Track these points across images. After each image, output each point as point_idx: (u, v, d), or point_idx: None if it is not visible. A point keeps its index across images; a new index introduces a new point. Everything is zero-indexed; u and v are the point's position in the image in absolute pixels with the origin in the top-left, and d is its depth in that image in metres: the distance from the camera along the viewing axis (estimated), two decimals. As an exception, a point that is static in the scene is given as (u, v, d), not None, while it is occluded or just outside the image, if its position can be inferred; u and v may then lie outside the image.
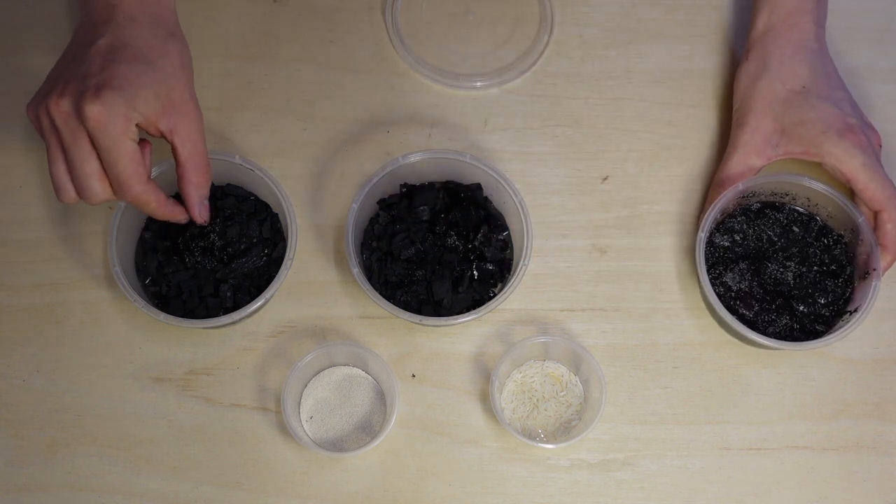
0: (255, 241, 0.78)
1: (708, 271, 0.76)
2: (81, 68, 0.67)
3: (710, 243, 0.78)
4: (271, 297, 0.75)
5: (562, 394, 0.77)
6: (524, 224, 0.77)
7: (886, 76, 0.88)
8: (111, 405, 0.77)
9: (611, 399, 0.77)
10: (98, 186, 0.67)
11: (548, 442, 0.75)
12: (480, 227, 0.79)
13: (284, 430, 0.76)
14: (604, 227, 0.83)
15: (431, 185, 0.81)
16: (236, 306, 0.75)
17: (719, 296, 0.76)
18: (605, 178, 0.84)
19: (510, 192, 0.78)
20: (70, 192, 0.68)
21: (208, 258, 0.77)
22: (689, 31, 0.89)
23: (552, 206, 0.83)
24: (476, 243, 0.78)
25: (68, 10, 0.88)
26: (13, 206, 0.82)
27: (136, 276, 0.78)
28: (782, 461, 0.77)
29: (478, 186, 0.80)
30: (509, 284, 0.76)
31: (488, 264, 0.78)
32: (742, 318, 0.76)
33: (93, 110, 0.64)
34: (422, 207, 0.79)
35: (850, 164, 0.76)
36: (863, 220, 0.76)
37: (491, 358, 0.79)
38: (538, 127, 0.86)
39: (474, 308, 0.76)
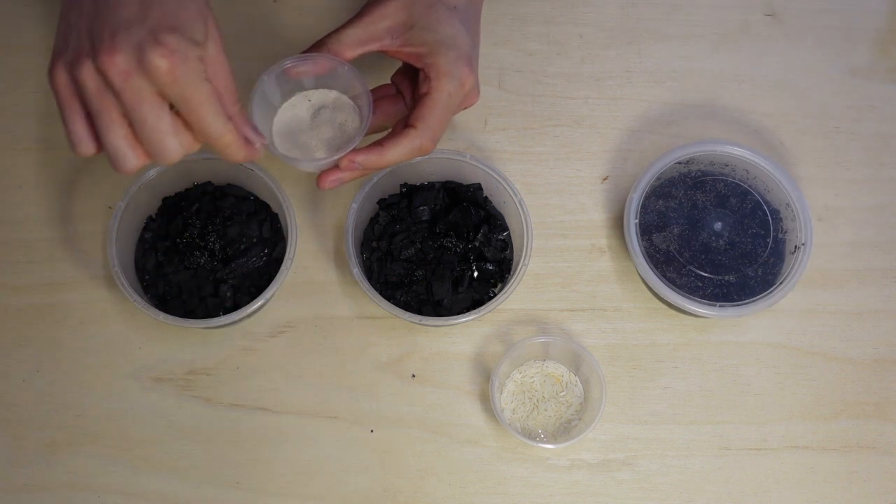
0: (255, 241, 0.78)
1: (640, 235, 0.77)
2: (117, 16, 0.58)
3: (643, 208, 0.79)
4: (271, 297, 0.75)
5: (562, 394, 0.77)
6: (524, 224, 0.77)
7: (886, 76, 0.88)
8: (111, 405, 0.77)
9: (611, 399, 0.77)
10: (177, 142, 0.60)
11: (548, 442, 0.75)
12: (480, 227, 0.79)
13: (284, 430, 0.76)
14: (604, 227, 0.83)
15: (431, 185, 0.81)
16: (236, 306, 0.75)
17: (649, 257, 0.77)
18: (605, 178, 0.84)
19: (510, 192, 0.78)
20: (134, 158, 0.61)
21: (208, 258, 0.77)
22: (689, 31, 0.89)
23: (552, 206, 0.83)
24: (476, 243, 0.78)
25: (68, 10, 0.88)
26: (13, 206, 0.82)
27: (136, 276, 0.78)
28: (782, 461, 0.77)
29: (478, 186, 0.80)
30: (509, 284, 0.76)
31: (488, 264, 0.78)
32: (670, 283, 0.77)
33: (162, 62, 0.57)
34: (422, 207, 0.79)
35: (444, 86, 0.71)
36: (797, 196, 0.78)
37: (491, 358, 0.79)
38: (538, 127, 0.86)
39: (474, 308, 0.76)
